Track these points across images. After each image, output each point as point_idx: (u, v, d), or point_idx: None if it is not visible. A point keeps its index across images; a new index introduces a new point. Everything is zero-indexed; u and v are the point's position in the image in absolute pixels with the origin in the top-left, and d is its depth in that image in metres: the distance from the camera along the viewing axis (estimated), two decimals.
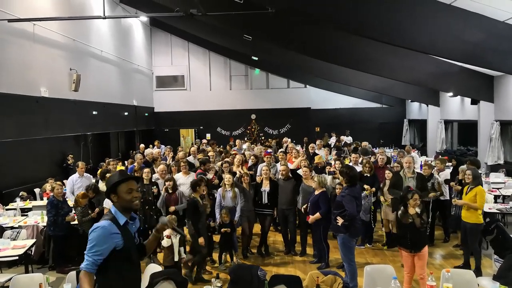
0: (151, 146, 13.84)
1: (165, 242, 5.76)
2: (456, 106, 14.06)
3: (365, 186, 7.14)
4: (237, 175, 7.58)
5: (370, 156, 9.93)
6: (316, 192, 6.52)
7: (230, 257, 6.81)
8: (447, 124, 15.28)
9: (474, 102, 11.92)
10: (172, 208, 6.93)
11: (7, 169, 9.34)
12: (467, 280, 4.18)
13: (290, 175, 7.36)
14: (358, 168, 7.63)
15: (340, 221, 5.41)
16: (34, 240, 6.46)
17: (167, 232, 5.84)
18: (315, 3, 7.74)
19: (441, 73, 11.05)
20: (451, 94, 13.26)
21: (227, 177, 6.96)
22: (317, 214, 6.34)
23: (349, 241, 5.44)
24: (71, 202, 7.38)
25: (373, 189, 7.25)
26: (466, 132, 14.81)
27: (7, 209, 8.14)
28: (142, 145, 13.88)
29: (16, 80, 9.59)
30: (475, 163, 7.28)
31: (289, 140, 13.86)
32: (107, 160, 10.70)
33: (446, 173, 8.00)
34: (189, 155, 10.52)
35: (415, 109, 18.71)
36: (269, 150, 10.93)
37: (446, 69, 10.83)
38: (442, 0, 7.00)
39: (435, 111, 15.68)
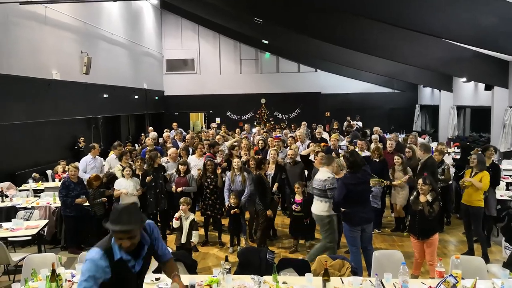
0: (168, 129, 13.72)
1: (174, 224, 5.83)
2: (469, 91, 13.82)
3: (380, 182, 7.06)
4: (243, 159, 7.60)
5: (357, 140, 9.76)
6: (338, 176, 6.40)
7: (237, 240, 6.87)
8: (459, 110, 15.05)
9: (488, 87, 11.69)
10: (179, 189, 7.03)
11: (19, 151, 9.47)
12: (476, 267, 4.16)
13: (299, 159, 7.34)
14: (366, 155, 7.59)
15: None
16: (46, 221, 6.58)
17: (177, 214, 5.91)
18: None
19: (454, 58, 10.82)
20: (464, 79, 13.00)
21: (235, 161, 6.97)
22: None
23: (348, 229, 5.27)
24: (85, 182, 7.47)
25: (387, 182, 7.13)
26: (479, 118, 14.58)
27: (20, 190, 8.30)
28: (150, 128, 13.94)
29: (28, 63, 9.64)
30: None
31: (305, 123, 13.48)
32: (116, 142, 10.72)
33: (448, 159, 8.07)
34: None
35: (427, 95, 18.44)
36: (279, 134, 10.91)
37: (460, 54, 10.59)
38: None
39: (447, 96, 15.42)
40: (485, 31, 7.50)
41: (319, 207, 5.73)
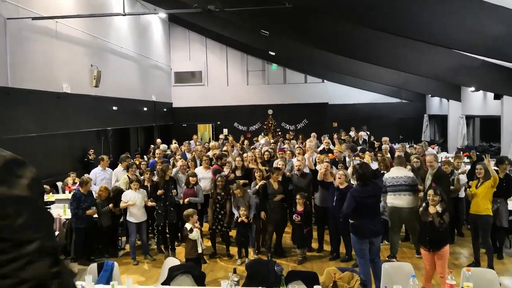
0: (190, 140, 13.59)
1: (195, 234, 5.68)
2: (478, 101, 13.74)
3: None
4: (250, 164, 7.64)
5: (358, 152, 9.48)
6: (342, 187, 6.31)
7: (245, 252, 6.86)
8: (468, 120, 14.95)
9: (497, 97, 11.63)
10: (186, 200, 7.05)
11: (30, 164, 9.56)
12: (488, 280, 4.11)
13: (308, 170, 7.34)
14: (374, 166, 7.53)
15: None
16: (57, 233, 6.64)
17: (190, 225, 5.79)
18: None
19: (463, 67, 10.79)
20: (473, 88, 12.96)
21: (237, 192, 6.94)
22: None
23: (356, 242, 5.25)
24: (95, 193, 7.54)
25: None
26: (489, 127, 14.47)
27: None
28: (159, 140, 14.04)
29: (40, 76, 9.81)
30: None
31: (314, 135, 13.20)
32: (124, 155, 10.81)
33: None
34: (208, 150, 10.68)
35: (435, 104, 18.36)
36: (285, 146, 10.90)
37: (468, 63, 10.56)
38: None
39: (456, 106, 15.35)
40: (493, 40, 7.49)
41: (410, 201, 6.35)
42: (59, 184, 10.08)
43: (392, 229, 6.72)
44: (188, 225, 5.78)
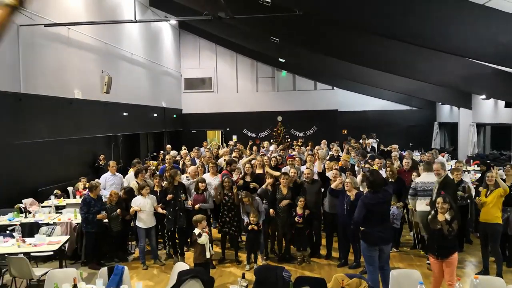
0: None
1: (204, 239, 5.69)
2: (489, 109, 13.65)
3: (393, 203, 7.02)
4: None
5: (367, 159, 9.28)
6: (352, 194, 6.36)
7: (254, 258, 6.87)
8: (479, 128, 14.83)
9: (508, 105, 11.54)
10: (196, 206, 7.09)
11: (42, 168, 9.73)
12: None
13: (317, 177, 7.35)
14: (383, 173, 7.50)
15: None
16: (68, 237, 6.72)
17: (199, 230, 5.81)
18: (343, 6, 7.70)
19: (474, 75, 10.74)
20: (484, 96, 12.88)
21: (245, 200, 6.97)
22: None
23: (366, 249, 5.24)
24: (104, 198, 7.62)
25: (400, 203, 7.16)
26: (500, 136, 14.34)
27: (42, 207, 8.50)
28: (168, 146, 14.14)
29: (52, 82, 9.99)
30: None
31: (325, 142, 13.09)
32: (135, 160, 10.91)
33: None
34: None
35: (445, 112, 18.26)
36: (294, 153, 10.91)
37: (479, 71, 10.51)
38: (475, 1, 6.82)
39: (466, 114, 15.25)
40: (503, 48, 7.46)
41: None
42: (70, 189, 10.21)
43: (423, 229, 6.87)
44: (196, 230, 5.81)
